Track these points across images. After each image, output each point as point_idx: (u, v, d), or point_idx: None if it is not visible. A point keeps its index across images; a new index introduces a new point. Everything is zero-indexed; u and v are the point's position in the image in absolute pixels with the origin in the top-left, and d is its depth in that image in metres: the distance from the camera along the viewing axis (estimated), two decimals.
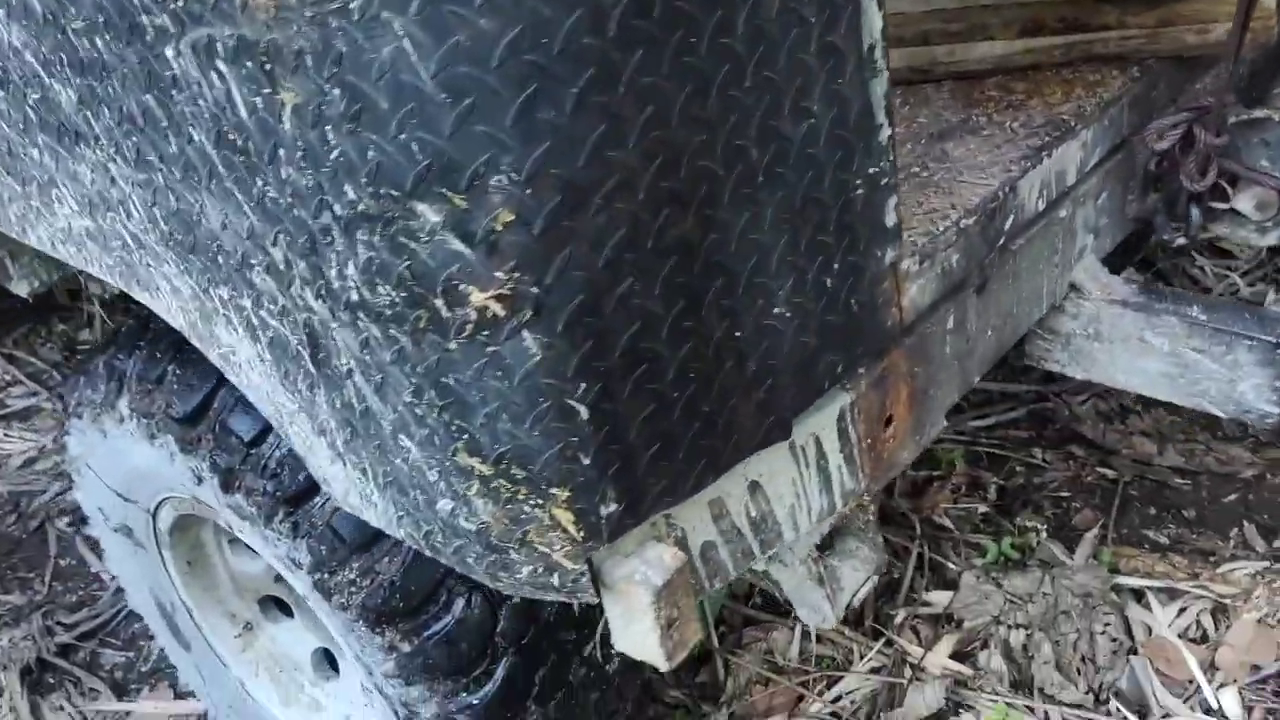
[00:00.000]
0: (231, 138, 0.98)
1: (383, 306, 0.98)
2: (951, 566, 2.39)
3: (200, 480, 1.68)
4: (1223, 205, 1.74)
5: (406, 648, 1.58)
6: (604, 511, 1.04)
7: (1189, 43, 1.66)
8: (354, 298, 1.00)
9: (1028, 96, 1.68)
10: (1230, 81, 1.56)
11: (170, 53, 0.97)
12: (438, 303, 0.94)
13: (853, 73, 1.07)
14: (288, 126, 0.91)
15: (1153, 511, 2.51)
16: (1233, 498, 2.51)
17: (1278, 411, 1.65)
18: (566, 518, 1.03)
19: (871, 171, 1.13)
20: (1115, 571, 2.29)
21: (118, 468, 1.89)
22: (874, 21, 1.07)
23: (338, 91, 0.86)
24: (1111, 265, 1.80)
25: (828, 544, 1.54)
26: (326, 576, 1.58)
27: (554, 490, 1.02)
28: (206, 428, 1.63)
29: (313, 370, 1.15)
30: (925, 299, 1.30)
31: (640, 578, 1.09)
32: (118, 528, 2.08)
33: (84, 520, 3.08)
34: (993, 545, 2.39)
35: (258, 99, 0.92)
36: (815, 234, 1.09)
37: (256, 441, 1.59)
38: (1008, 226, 1.47)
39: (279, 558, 1.65)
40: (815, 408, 1.22)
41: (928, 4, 1.74)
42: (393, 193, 0.89)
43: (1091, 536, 2.41)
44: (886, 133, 1.14)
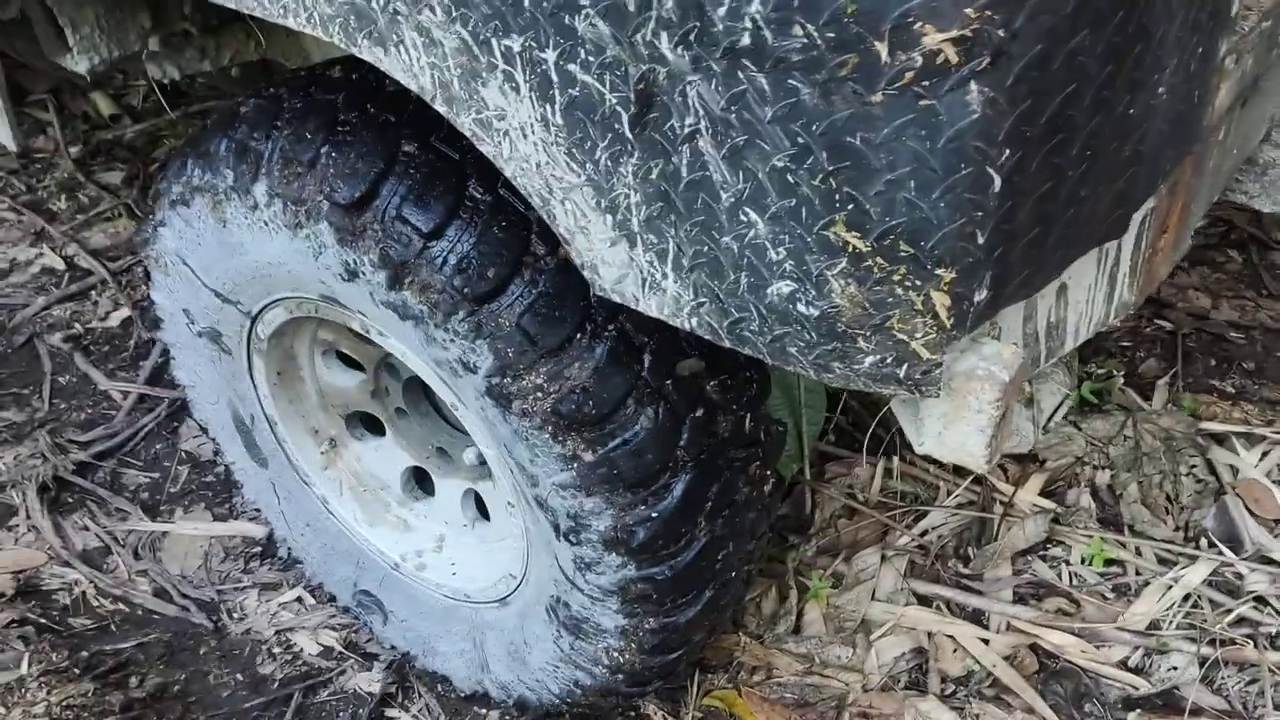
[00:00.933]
0: None
1: (791, 51, 0.87)
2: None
3: (353, 275, 1.54)
4: None
5: (589, 457, 1.50)
6: (976, 298, 0.98)
7: None
8: (745, 42, 0.89)
9: None
10: None
11: None
12: (877, 46, 0.84)
13: None
14: None
15: (1214, 363, 2.56)
16: None
17: None
18: (942, 302, 0.96)
19: None
20: (1195, 416, 2.34)
21: (229, 263, 1.73)
22: None
23: None
24: None
25: None
26: (508, 381, 1.48)
27: (939, 271, 0.94)
28: (373, 217, 1.49)
29: (628, 135, 1.04)
30: (1226, 101, 1.24)
31: (984, 373, 1.03)
32: (203, 332, 1.93)
33: (80, 338, 2.91)
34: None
35: None
36: (1198, 9, 1.01)
37: (436, 234, 1.46)
38: None
39: (443, 360, 1.54)
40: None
41: None
42: None
43: (1164, 383, 2.44)
44: None
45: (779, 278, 1.02)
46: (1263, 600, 2.06)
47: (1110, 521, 2.22)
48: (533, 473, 1.57)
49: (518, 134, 1.14)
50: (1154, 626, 2.04)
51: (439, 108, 1.20)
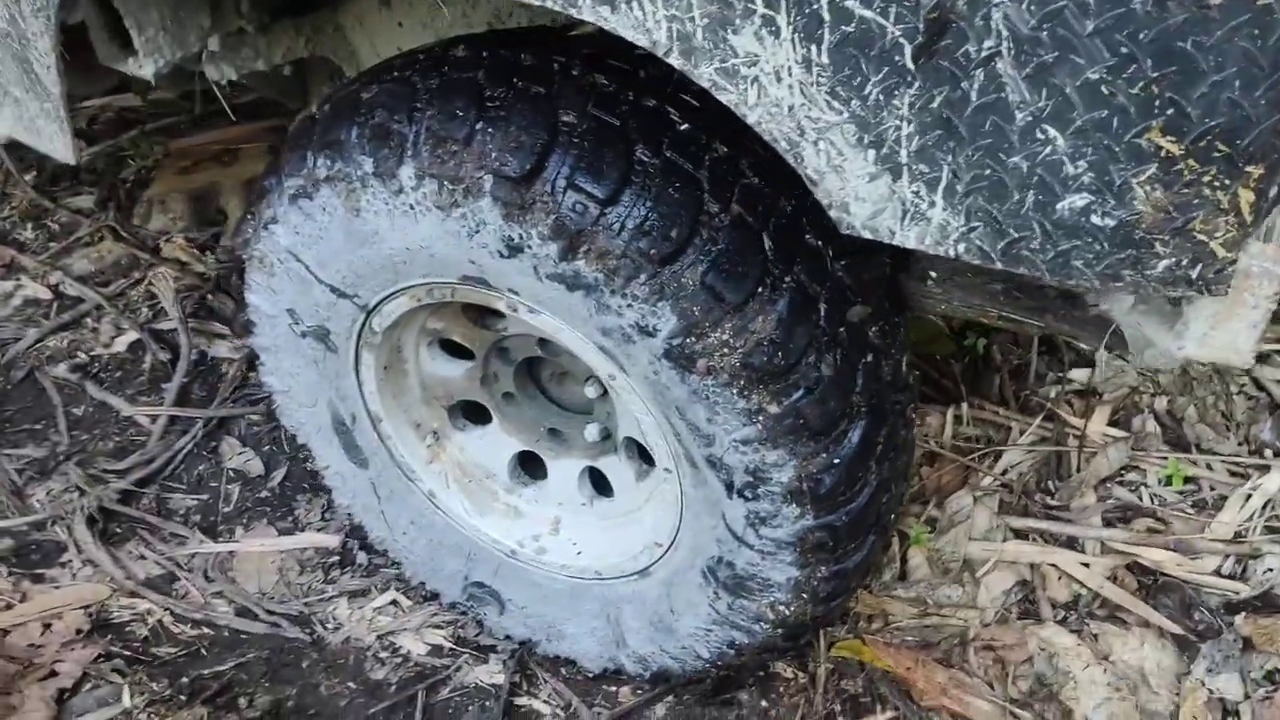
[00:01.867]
0: None
1: None
2: (1084, 346, 2.50)
3: (515, 251, 1.53)
4: None
5: (775, 409, 1.52)
6: (1271, 194, 1.03)
7: None
8: None
9: None
10: None
11: None
12: None
13: None
14: None
15: None
16: None
17: None
18: (1247, 199, 1.02)
19: None
20: None
21: (355, 254, 1.70)
22: None
23: None
24: None
25: None
26: (692, 340, 1.49)
27: (1249, 168, 1.00)
28: (544, 189, 1.48)
29: (908, 66, 1.07)
30: None
31: (1259, 270, 1.09)
32: (308, 331, 1.88)
33: (87, 367, 2.79)
34: None
35: None
36: None
37: (612, 200, 1.46)
38: None
39: (614, 328, 1.53)
40: None
41: None
42: None
43: None
44: None
45: (1073, 191, 1.06)
46: None
47: (1177, 443, 2.34)
48: (709, 432, 1.58)
49: (769, 79, 1.15)
50: (1240, 535, 2.15)
51: (672, 60, 1.21)
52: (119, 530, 2.47)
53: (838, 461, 1.58)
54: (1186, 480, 2.26)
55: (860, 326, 1.59)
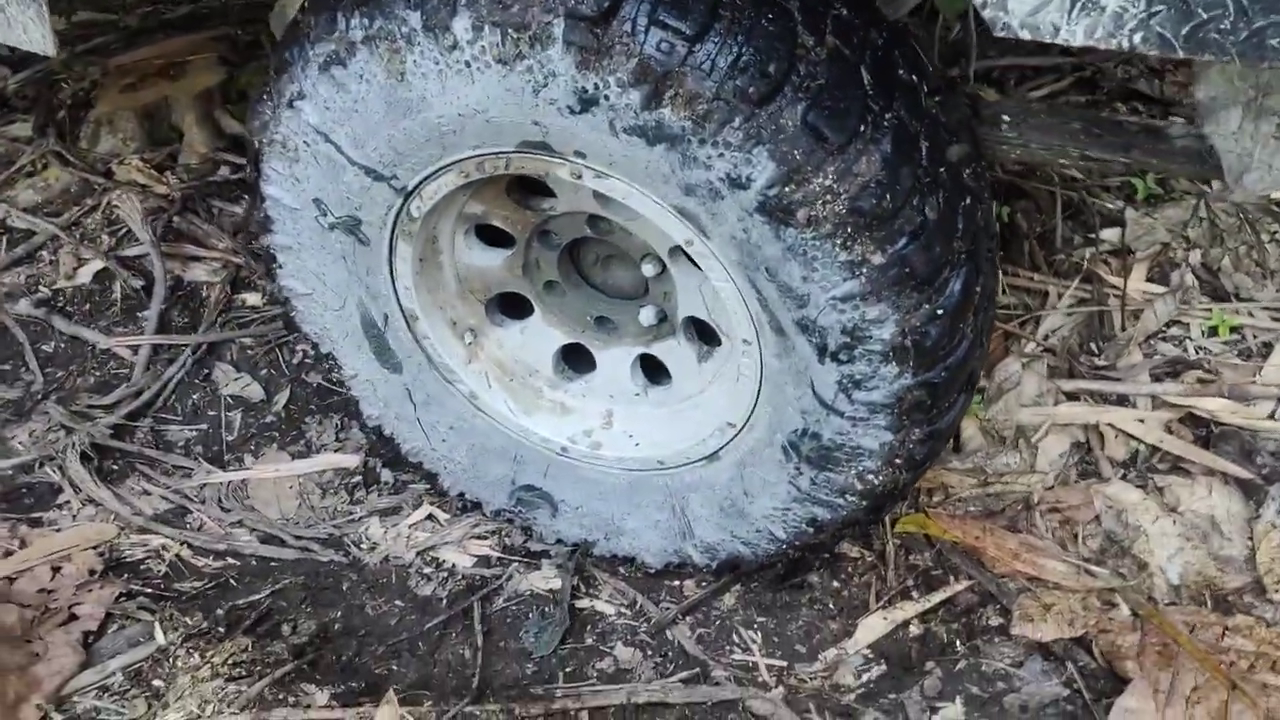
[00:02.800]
0: None
1: None
2: (1110, 207, 2.46)
3: (589, 104, 1.40)
4: None
5: (879, 259, 1.43)
6: None
7: None
8: None
9: None
10: None
11: None
12: None
13: None
14: None
15: None
16: None
17: None
18: None
19: None
20: None
21: (397, 126, 1.54)
22: None
23: None
24: None
25: None
26: (792, 188, 1.39)
27: None
28: (623, 28, 1.34)
29: None
30: None
31: None
32: (338, 222, 1.73)
33: (51, 301, 2.59)
34: (1139, 182, 2.48)
35: None
36: None
37: (700, 37, 1.34)
38: None
39: (700, 184, 1.42)
40: None
41: None
42: None
43: None
44: None
45: None
46: None
47: (1215, 295, 2.31)
48: (804, 292, 1.48)
49: None
50: None
51: None
52: (115, 467, 2.30)
53: (941, 313, 1.49)
54: (1232, 330, 2.23)
55: (958, 167, 1.50)
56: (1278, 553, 1.90)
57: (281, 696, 1.83)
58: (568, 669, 1.89)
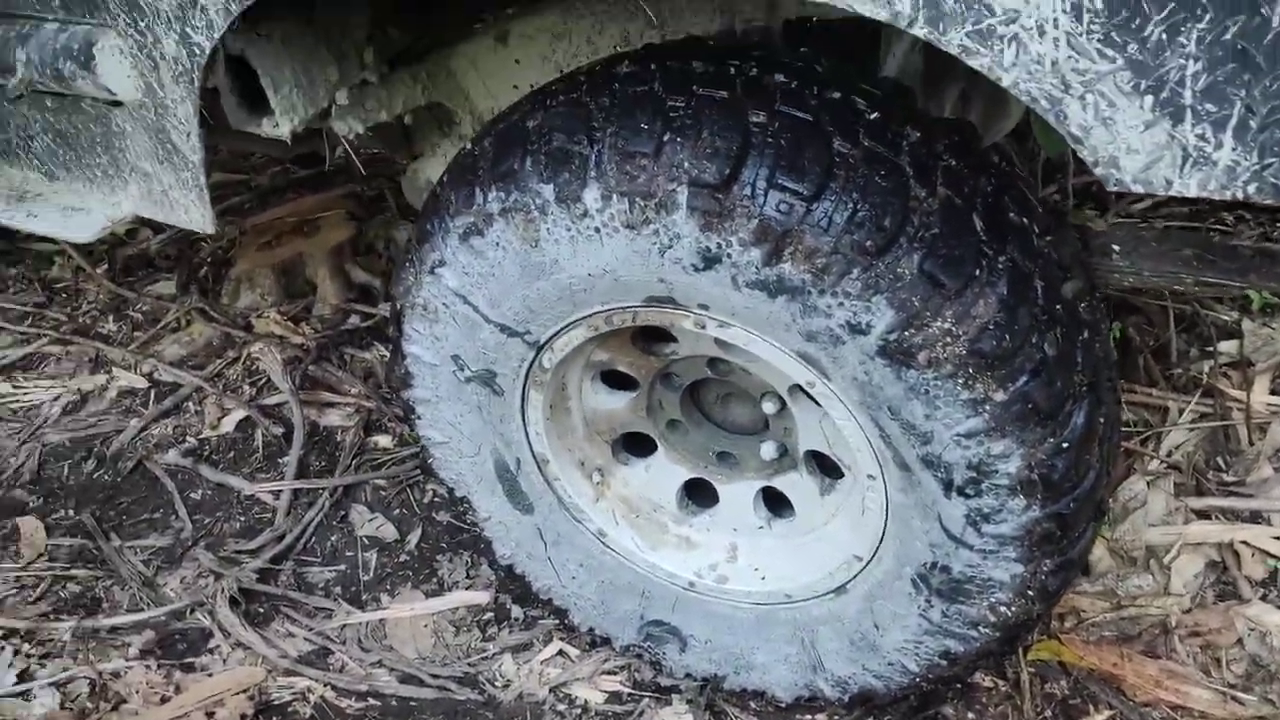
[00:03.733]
0: None
1: None
2: (1225, 318, 2.45)
3: (712, 262, 1.48)
4: None
5: (1001, 396, 1.46)
6: None
7: None
8: None
9: None
10: None
11: None
12: None
13: None
14: None
15: None
16: None
17: None
18: None
19: None
20: None
21: (530, 287, 1.65)
22: None
23: None
24: None
25: None
26: (911, 333, 1.44)
27: None
28: (743, 191, 1.43)
29: None
30: None
31: None
32: (474, 376, 1.83)
33: (198, 451, 2.74)
34: (1255, 295, 2.47)
35: None
36: None
37: (817, 196, 1.42)
38: None
39: (820, 331, 1.48)
40: None
41: None
42: None
43: None
44: None
45: None
46: None
47: None
48: (926, 429, 1.52)
49: (1030, 35, 1.11)
50: None
51: (916, 30, 1.17)
52: (261, 610, 2.40)
53: (1066, 445, 1.51)
54: None
55: (1074, 302, 1.54)
56: None
57: None
58: None
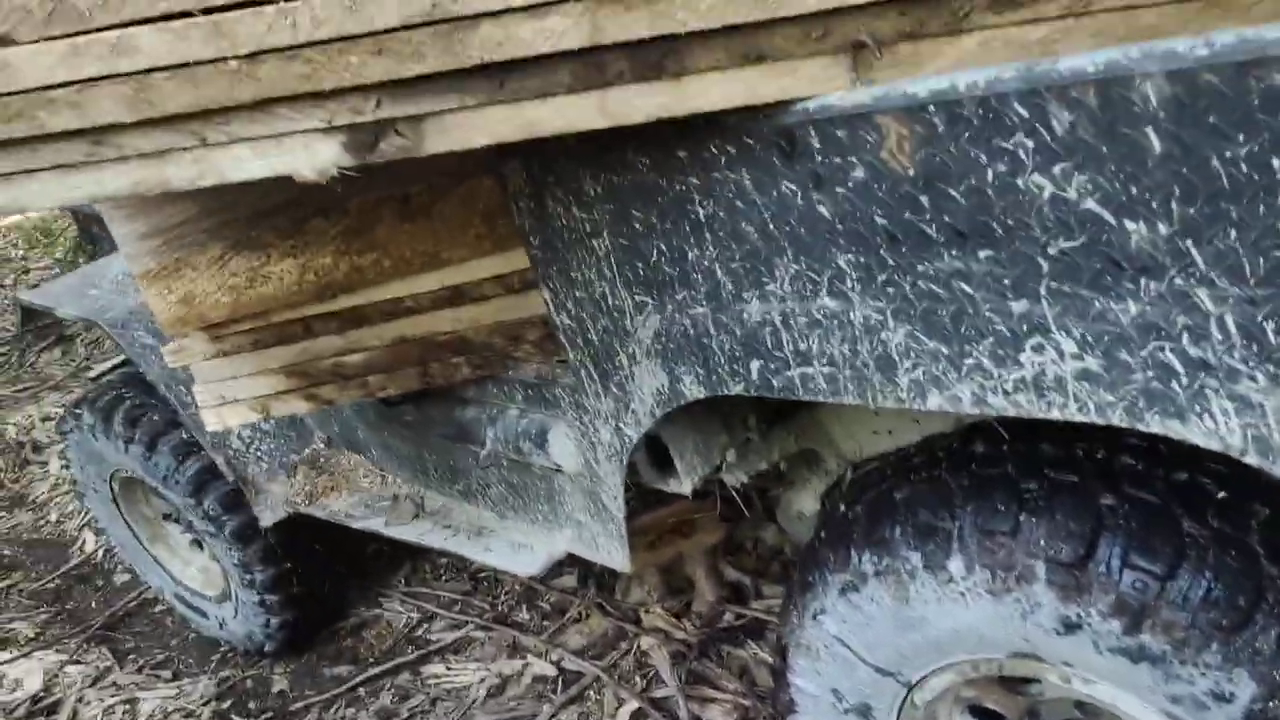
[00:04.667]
0: None
1: None
2: None
3: (1073, 628, 1.64)
4: None
5: None
6: None
7: None
8: None
9: None
10: None
11: None
12: None
13: None
14: None
15: None
16: None
17: None
18: None
19: None
20: None
21: (901, 638, 1.87)
22: None
23: None
24: None
25: None
26: (1277, 704, 1.52)
27: None
28: (1099, 569, 1.61)
29: None
30: None
31: None
32: (851, 708, 2.04)
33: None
34: None
35: None
36: None
37: (1171, 574, 1.57)
38: None
39: (1184, 695, 1.59)
40: None
41: None
42: None
43: None
44: None
45: None
46: None
47: None
48: None
49: None
50: None
51: (1248, 459, 1.33)
52: None
53: None
54: None
55: None
56: None
57: None
58: None
